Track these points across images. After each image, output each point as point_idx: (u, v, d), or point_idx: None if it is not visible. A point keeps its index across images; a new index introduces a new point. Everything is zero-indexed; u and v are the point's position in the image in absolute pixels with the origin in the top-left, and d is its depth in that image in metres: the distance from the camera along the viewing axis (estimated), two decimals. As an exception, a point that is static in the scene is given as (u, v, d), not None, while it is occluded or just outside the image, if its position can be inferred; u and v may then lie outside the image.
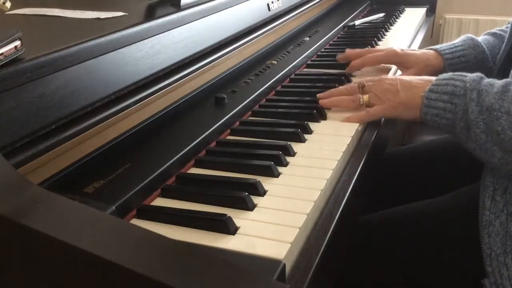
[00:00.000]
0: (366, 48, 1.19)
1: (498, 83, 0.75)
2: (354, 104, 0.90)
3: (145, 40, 0.78)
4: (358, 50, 1.14)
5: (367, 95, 0.89)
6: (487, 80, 0.77)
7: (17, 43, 0.60)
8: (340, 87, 0.96)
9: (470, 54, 1.06)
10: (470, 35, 1.11)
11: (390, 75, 1.06)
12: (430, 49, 1.09)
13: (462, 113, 0.76)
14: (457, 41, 1.10)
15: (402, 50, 1.09)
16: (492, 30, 1.12)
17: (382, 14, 1.65)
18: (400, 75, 1.06)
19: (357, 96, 0.90)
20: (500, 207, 0.76)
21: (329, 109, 0.92)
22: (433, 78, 0.84)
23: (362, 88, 0.90)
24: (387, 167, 1.12)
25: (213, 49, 0.96)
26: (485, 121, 0.73)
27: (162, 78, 0.81)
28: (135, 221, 0.60)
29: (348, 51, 1.14)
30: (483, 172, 0.81)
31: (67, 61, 0.64)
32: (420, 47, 1.45)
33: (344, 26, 1.51)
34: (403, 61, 1.07)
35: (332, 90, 0.96)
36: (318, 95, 0.95)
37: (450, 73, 0.82)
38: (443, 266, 0.83)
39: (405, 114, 0.86)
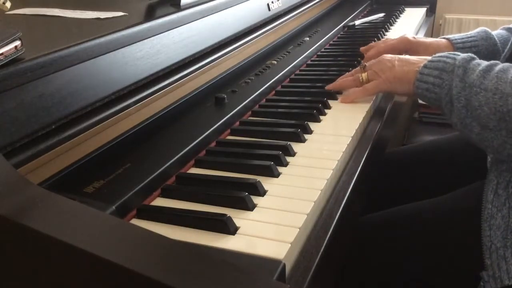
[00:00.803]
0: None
1: (485, 63, 0.78)
2: (355, 83, 0.95)
3: (145, 40, 0.78)
4: (370, 44, 1.18)
5: (366, 73, 0.94)
6: (477, 61, 0.80)
7: (17, 43, 0.60)
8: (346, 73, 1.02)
9: (482, 45, 1.09)
10: (485, 28, 1.12)
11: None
12: (443, 38, 1.11)
13: (448, 88, 0.79)
14: (471, 32, 1.12)
15: (414, 37, 1.13)
16: (509, 25, 1.13)
17: (382, 14, 1.65)
18: None
19: (358, 75, 0.95)
20: (502, 201, 0.76)
21: (330, 108, 0.92)
22: (430, 57, 0.87)
23: (363, 68, 0.95)
24: (387, 167, 1.12)
25: (213, 49, 0.96)
26: (466, 96, 0.76)
27: (162, 78, 0.81)
28: (135, 221, 0.60)
29: (363, 48, 1.17)
30: (489, 167, 0.82)
31: (67, 61, 0.64)
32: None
33: (344, 26, 1.51)
34: (414, 48, 1.11)
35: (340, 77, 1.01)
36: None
37: (446, 52, 0.85)
38: (443, 266, 0.83)
39: (399, 88, 0.90)
